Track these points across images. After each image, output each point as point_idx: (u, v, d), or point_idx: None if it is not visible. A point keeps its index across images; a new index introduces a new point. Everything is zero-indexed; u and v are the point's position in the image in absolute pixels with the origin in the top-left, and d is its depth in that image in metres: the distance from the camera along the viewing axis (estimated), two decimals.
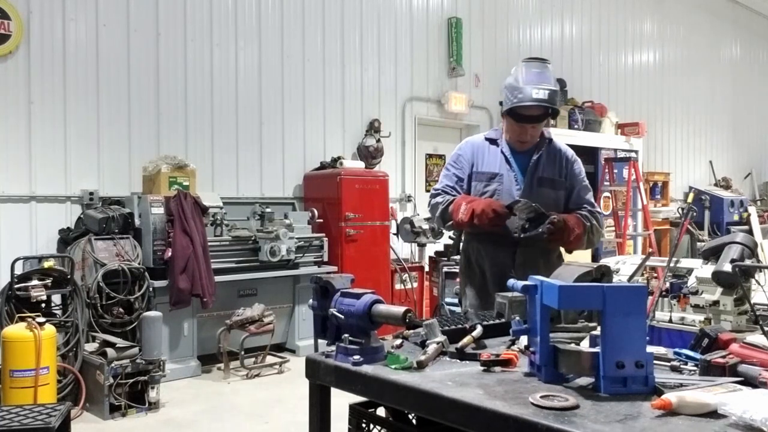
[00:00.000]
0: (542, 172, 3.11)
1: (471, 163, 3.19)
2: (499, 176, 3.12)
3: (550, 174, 3.12)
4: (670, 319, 3.89)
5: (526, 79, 2.91)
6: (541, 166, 3.11)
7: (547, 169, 3.12)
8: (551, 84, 2.92)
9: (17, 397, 4.14)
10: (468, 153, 3.23)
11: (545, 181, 3.10)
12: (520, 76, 2.94)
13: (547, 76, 2.93)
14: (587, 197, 3.18)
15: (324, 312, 2.13)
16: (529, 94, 2.88)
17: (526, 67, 2.95)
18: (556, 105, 2.97)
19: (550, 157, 3.14)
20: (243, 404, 5.05)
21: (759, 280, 2.98)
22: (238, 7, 6.92)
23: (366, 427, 2.19)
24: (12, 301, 4.58)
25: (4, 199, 5.50)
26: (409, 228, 7.44)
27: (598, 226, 3.12)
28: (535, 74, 2.92)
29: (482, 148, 3.21)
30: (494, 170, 3.13)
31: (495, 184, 3.12)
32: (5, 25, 5.46)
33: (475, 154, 3.20)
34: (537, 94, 2.87)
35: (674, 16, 13.10)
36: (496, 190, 3.11)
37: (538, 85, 2.88)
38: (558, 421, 1.48)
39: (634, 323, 1.67)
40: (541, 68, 2.95)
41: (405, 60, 8.48)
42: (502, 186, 3.11)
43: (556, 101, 2.94)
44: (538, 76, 2.91)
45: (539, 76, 2.91)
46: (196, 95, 6.62)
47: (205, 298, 5.52)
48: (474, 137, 3.36)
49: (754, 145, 15.31)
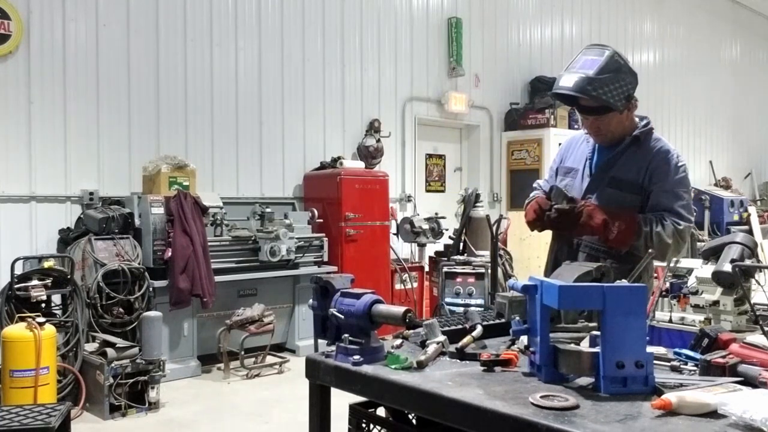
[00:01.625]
0: (617, 172, 2.81)
1: (563, 157, 3.05)
2: (574, 171, 2.93)
3: (625, 175, 2.79)
4: (670, 319, 3.89)
5: (570, 65, 2.69)
6: (619, 165, 2.81)
7: (623, 169, 2.80)
8: (592, 71, 2.60)
9: (17, 397, 4.14)
10: (564, 146, 3.11)
11: (615, 182, 2.80)
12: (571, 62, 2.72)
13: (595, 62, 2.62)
14: (668, 203, 2.74)
15: (324, 312, 2.13)
16: (557, 83, 2.69)
17: (580, 54, 2.72)
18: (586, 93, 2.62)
19: (634, 157, 2.81)
20: (243, 404, 5.04)
21: (759, 280, 2.98)
22: (238, 7, 6.92)
23: (366, 427, 2.19)
24: (12, 301, 4.58)
25: (4, 199, 5.50)
26: (409, 228, 7.44)
27: (663, 234, 2.67)
28: (581, 60, 2.67)
29: (578, 141, 3.02)
30: (573, 165, 2.96)
31: (568, 178, 2.95)
32: (5, 25, 5.46)
33: (569, 148, 3.05)
34: (565, 81, 2.64)
35: (674, 16, 13.10)
36: (567, 185, 2.92)
37: (573, 71, 2.64)
38: (558, 421, 1.48)
39: (634, 323, 1.67)
40: (593, 54, 2.67)
41: (405, 60, 8.48)
42: (573, 181, 2.92)
43: (587, 89, 2.60)
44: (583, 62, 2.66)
45: (583, 63, 2.65)
46: (196, 95, 6.62)
47: (205, 298, 5.52)
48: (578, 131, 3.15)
49: (754, 145, 15.31)
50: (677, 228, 2.70)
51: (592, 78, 2.60)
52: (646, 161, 2.79)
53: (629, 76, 2.70)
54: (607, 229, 2.67)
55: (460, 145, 9.69)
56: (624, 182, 2.79)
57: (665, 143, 2.88)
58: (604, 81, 2.61)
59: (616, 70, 2.64)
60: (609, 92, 2.63)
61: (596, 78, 2.60)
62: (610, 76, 2.62)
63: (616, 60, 2.65)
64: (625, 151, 2.83)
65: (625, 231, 2.67)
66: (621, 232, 2.67)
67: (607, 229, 2.67)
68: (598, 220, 2.68)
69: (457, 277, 5.58)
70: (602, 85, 2.61)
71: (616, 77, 2.64)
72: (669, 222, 2.69)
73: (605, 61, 2.62)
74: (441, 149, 9.38)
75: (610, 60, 2.63)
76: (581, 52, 2.74)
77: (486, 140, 9.62)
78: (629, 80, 2.69)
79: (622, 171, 2.81)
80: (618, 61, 2.66)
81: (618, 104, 2.67)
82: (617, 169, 2.82)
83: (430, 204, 8.65)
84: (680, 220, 2.72)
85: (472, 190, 6.63)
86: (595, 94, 2.62)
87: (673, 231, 2.68)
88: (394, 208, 7.90)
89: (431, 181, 9.23)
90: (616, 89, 2.64)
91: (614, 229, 2.66)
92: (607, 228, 2.67)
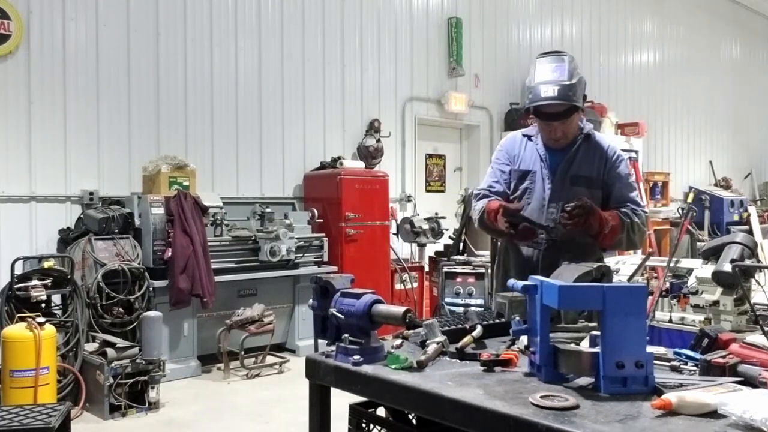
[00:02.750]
0: (577, 170, 2.93)
1: (512, 157, 3.08)
2: (532, 174, 2.98)
3: (586, 172, 2.92)
4: (670, 319, 3.90)
5: (538, 77, 2.78)
6: (576, 163, 2.93)
7: (582, 166, 2.93)
8: (565, 78, 2.73)
9: (17, 397, 4.14)
10: (508, 147, 3.12)
11: (579, 179, 2.92)
12: (533, 74, 2.81)
13: (562, 69, 2.75)
14: (631, 195, 2.94)
15: (324, 312, 2.13)
16: (539, 93, 2.76)
17: (539, 63, 2.82)
18: (569, 101, 2.75)
19: (587, 154, 2.95)
20: (243, 404, 5.04)
21: (759, 280, 2.99)
22: (238, 7, 6.92)
23: (366, 427, 2.19)
24: (12, 301, 4.58)
25: (4, 199, 5.50)
26: (409, 228, 7.44)
27: (640, 225, 2.88)
28: (547, 70, 2.77)
29: (520, 144, 3.08)
30: (528, 168, 3.00)
31: (527, 182, 2.98)
32: (5, 25, 5.46)
33: (515, 150, 3.08)
34: (546, 92, 2.74)
35: (674, 16, 13.10)
36: (527, 188, 2.97)
37: (549, 81, 2.74)
38: (558, 421, 1.48)
39: (634, 323, 1.67)
40: (555, 62, 2.78)
41: (405, 60, 8.48)
42: (533, 184, 2.96)
43: (569, 96, 2.74)
44: (551, 71, 2.76)
45: (552, 72, 2.76)
46: (196, 95, 6.62)
47: (205, 298, 5.52)
48: (513, 133, 3.22)
49: (754, 145, 15.31)
50: (641, 215, 2.91)
51: (570, 84, 2.74)
52: (600, 156, 2.95)
53: (583, 77, 2.84)
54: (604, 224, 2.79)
55: (460, 145, 9.69)
56: (587, 179, 2.93)
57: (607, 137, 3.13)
58: (576, 86, 2.77)
59: (577, 73, 2.80)
60: (578, 96, 2.79)
61: (572, 84, 2.75)
62: (578, 80, 2.78)
63: (574, 63, 2.81)
64: (579, 149, 2.95)
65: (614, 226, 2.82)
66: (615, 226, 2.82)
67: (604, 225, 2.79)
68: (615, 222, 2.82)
69: (457, 277, 5.59)
70: (576, 90, 2.77)
71: (579, 81, 2.80)
72: (640, 211, 2.91)
73: (569, 66, 2.77)
74: (441, 149, 9.38)
75: (571, 64, 2.78)
76: (541, 60, 2.84)
77: (486, 140, 9.61)
78: (584, 81, 2.84)
79: (582, 168, 2.93)
80: (575, 64, 2.81)
81: (581, 105, 2.84)
82: (577, 167, 2.93)
83: (430, 204, 8.65)
84: (643, 209, 2.95)
85: (472, 190, 6.63)
86: (574, 99, 2.77)
87: (644, 219, 2.91)
88: (394, 208, 7.90)
89: (431, 181, 9.23)
90: (580, 91, 2.81)
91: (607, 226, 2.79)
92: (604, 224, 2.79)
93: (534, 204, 2.95)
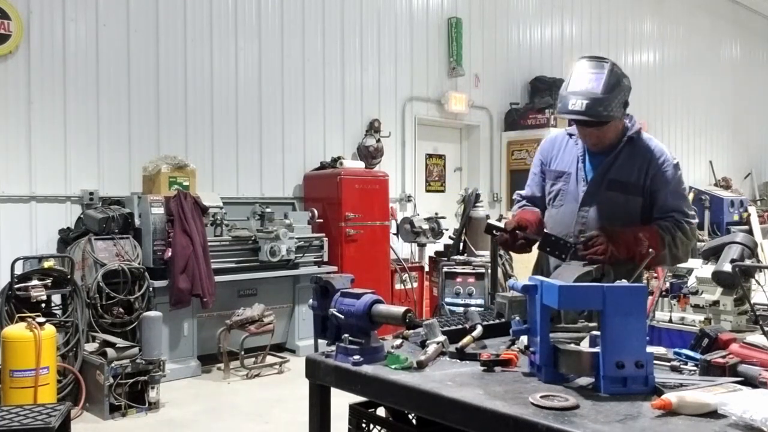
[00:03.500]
0: (615, 174, 2.77)
1: (548, 159, 2.96)
2: (567, 175, 2.86)
3: (625, 177, 2.75)
4: (670, 319, 3.89)
5: (572, 84, 2.64)
6: (616, 167, 2.77)
7: (622, 170, 2.76)
8: (599, 90, 2.56)
9: (17, 397, 4.14)
10: (545, 148, 3.02)
11: (615, 184, 2.76)
12: (569, 79, 2.68)
13: (599, 79, 2.58)
14: (676, 204, 2.74)
15: (324, 312, 2.14)
16: (566, 104, 2.62)
17: (578, 68, 2.67)
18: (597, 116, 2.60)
19: (630, 158, 2.77)
20: (243, 404, 5.04)
21: (759, 280, 2.98)
22: (238, 7, 6.92)
23: (366, 427, 2.19)
24: (12, 301, 4.58)
25: (4, 199, 5.50)
26: (409, 228, 7.44)
27: (683, 238, 2.69)
28: (584, 78, 2.62)
29: (560, 143, 2.95)
30: (564, 168, 2.88)
31: (561, 183, 2.88)
32: (5, 25, 5.45)
33: (553, 150, 2.97)
34: (574, 105, 2.59)
35: (674, 16, 13.10)
36: (560, 190, 2.87)
37: (579, 93, 2.59)
38: (558, 421, 1.48)
39: (634, 323, 1.67)
40: (593, 69, 2.63)
41: (405, 60, 8.48)
42: (567, 186, 2.85)
43: (598, 111, 2.58)
44: (587, 80, 2.61)
45: (588, 81, 2.60)
46: (196, 95, 6.62)
47: (205, 298, 5.52)
48: (556, 131, 3.10)
49: (754, 145, 15.31)
50: (691, 227, 2.73)
51: (602, 98, 2.57)
52: (644, 161, 2.76)
53: (627, 84, 2.67)
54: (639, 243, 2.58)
55: (460, 145, 9.69)
56: (625, 184, 2.76)
57: (656, 142, 2.86)
58: (612, 98, 2.58)
59: (618, 83, 2.61)
60: (615, 106, 2.61)
61: (605, 97, 2.57)
62: (616, 91, 2.60)
63: (616, 72, 2.63)
64: (621, 153, 2.78)
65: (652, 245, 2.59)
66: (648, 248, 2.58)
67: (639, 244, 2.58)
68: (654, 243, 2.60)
69: (457, 277, 5.59)
70: (611, 102, 2.59)
71: (620, 90, 2.61)
72: (684, 224, 2.71)
73: (608, 77, 2.59)
74: (441, 149, 9.38)
75: (611, 74, 2.60)
76: (580, 64, 2.68)
77: (486, 140, 9.62)
78: (628, 88, 2.67)
79: (621, 173, 2.76)
80: (617, 73, 2.63)
81: (618, 114, 2.66)
82: (615, 172, 2.77)
83: (430, 204, 8.65)
84: (691, 219, 2.75)
85: (472, 190, 6.64)
86: (605, 114, 2.60)
87: (690, 231, 2.71)
88: (394, 208, 7.90)
89: (431, 181, 9.23)
90: (619, 101, 2.63)
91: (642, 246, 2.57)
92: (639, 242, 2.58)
93: (566, 207, 2.85)
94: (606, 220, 2.69)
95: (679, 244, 2.69)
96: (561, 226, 2.84)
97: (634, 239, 2.59)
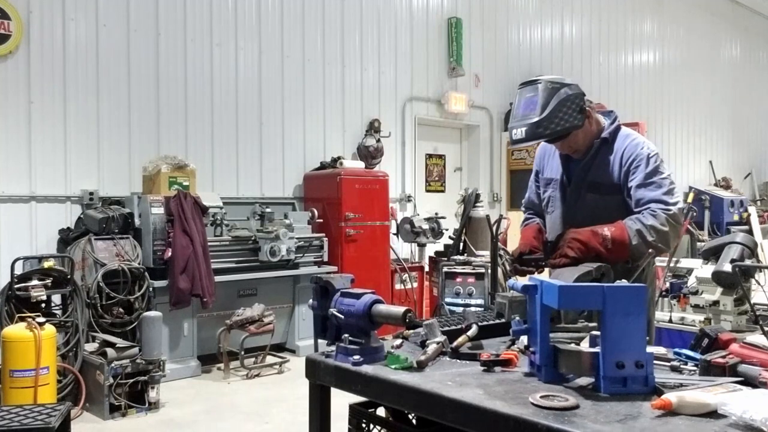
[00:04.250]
0: (594, 177, 2.79)
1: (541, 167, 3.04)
2: (555, 182, 2.92)
3: (602, 178, 2.78)
4: (670, 319, 3.90)
5: (514, 113, 2.72)
6: (594, 169, 2.80)
7: (599, 172, 2.78)
8: (535, 113, 2.60)
9: (17, 397, 4.14)
10: (538, 155, 3.08)
11: (594, 186, 2.80)
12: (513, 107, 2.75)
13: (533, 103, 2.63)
14: (652, 195, 2.67)
15: (324, 312, 2.13)
16: (511, 136, 2.72)
17: (516, 99, 2.74)
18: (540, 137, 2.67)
19: (605, 159, 2.79)
20: (243, 404, 5.05)
21: (759, 280, 2.98)
22: (238, 7, 6.92)
23: (366, 427, 2.19)
24: (12, 301, 4.58)
25: (4, 199, 5.50)
26: (409, 228, 7.44)
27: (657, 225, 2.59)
28: (520, 106, 2.70)
29: (550, 150, 2.99)
30: (552, 175, 2.95)
31: (550, 189, 2.94)
32: (5, 25, 5.46)
33: (544, 158, 3.03)
34: (515, 134, 2.68)
35: (674, 16, 13.10)
36: (550, 197, 2.94)
37: (517, 123, 2.67)
38: (558, 421, 1.48)
39: (634, 323, 1.67)
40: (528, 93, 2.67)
41: (405, 60, 8.48)
42: (555, 192, 2.91)
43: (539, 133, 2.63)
44: (523, 107, 2.68)
45: (524, 108, 2.67)
46: (196, 95, 6.62)
47: (205, 298, 5.52)
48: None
49: (754, 145, 15.31)
50: (668, 214, 2.62)
51: (539, 121, 2.59)
52: (618, 159, 2.76)
53: (571, 92, 2.64)
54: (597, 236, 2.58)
55: (460, 145, 9.70)
56: (602, 185, 2.78)
57: (635, 137, 2.83)
58: (551, 115, 2.59)
59: (556, 97, 2.61)
60: (561, 120, 2.61)
61: (543, 118, 2.59)
62: (555, 106, 2.60)
63: (551, 87, 2.62)
64: (597, 154, 2.80)
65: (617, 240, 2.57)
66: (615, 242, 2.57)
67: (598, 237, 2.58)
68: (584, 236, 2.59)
69: (457, 277, 5.56)
70: (551, 119, 2.60)
71: (560, 103, 2.61)
72: (659, 211, 2.62)
73: (542, 96, 2.60)
74: (441, 149, 9.38)
75: (545, 91, 2.61)
76: (518, 93, 2.73)
77: (486, 140, 9.62)
78: (573, 96, 2.64)
79: (598, 174, 2.79)
80: (554, 87, 2.62)
81: (576, 123, 2.65)
82: (593, 174, 2.80)
83: (430, 204, 8.65)
84: (668, 206, 2.64)
85: (472, 190, 6.63)
86: (549, 132, 2.62)
87: (666, 218, 2.61)
88: (394, 208, 7.91)
89: (431, 181, 9.24)
90: (566, 113, 2.62)
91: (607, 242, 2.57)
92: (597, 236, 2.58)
93: (556, 213, 2.92)
94: (589, 223, 2.69)
95: (653, 233, 2.59)
96: (554, 231, 2.90)
97: (592, 234, 2.59)
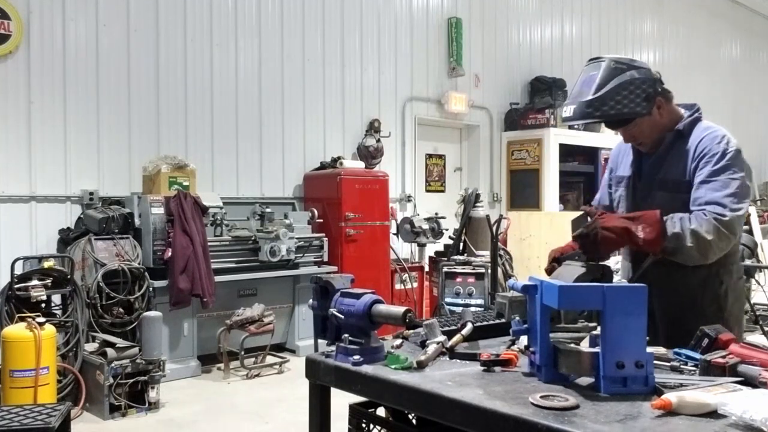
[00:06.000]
0: (665, 173, 2.56)
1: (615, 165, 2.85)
2: (626, 179, 2.73)
3: (675, 174, 2.53)
4: None
5: (572, 91, 2.56)
6: (666, 165, 2.57)
7: (671, 168, 2.55)
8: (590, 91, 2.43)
9: (17, 397, 4.14)
10: (612, 154, 2.93)
11: (665, 183, 2.56)
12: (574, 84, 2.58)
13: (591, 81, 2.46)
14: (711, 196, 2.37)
15: (324, 312, 2.13)
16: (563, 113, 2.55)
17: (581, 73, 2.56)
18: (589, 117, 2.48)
19: (677, 154, 2.55)
20: (243, 404, 5.04)
21: (759, 280, 2.99)
22: (238, 7, 6.92)
23: (366, 427, 2.19)
24: (12, 301, 4.58)
25: (4, 199, 5.50)
26: (409, 228, 7.44)
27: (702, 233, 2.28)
28: (577, 84, 2.53)
29: (625, 148, 2.80)
30: (624, 173, 2.76)
31: (622, 188, 2.75)
32: (5, 25, 5.46)
33: (618, 156, 2.85)
34: (566, 112, 2.51)
35: (674, 16, 13.10)
36: (621, 195, 2.75)
37: (570, 100, 2.53)
38: (558, 421, 1.48)
39: (634, 323, 1.67)
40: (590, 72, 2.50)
41: (405, 60, 8.48)
42: (626, 191, 2.72)
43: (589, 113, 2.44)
44: (579, 85, 2.51)
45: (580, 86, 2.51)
46: (196, 95, 6.62)
47: (205, 298, 5.52)
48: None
49: (754, 145, 15.31)
50: (720, 220, 2.30)
51: (591, 100, 2.42)
52: (692, 153, 2.51)
53: (639, 76, 2.46)
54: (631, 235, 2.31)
55: (460, 145, 9.70)
56: (671, 182, 2.54)
57: (714, 129, 2.56)
58: (607, 96, 2.42)
59: (618, 78, 2.43)
60: (619, 103, 2.44)
61: (596, 98, 2.42)
62: (612, 87, 2.42)
63: (615, 68, 2.45)
64: (670, 149, 2.58)
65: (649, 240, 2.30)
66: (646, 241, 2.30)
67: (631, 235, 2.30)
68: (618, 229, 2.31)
69: (457, 277, 5.58)
70: (606, 100, 2.42)
71: (621, 86, 2.43)
72: (709, 216, 2.31)
73: (602, 74, 2.44)
74: (441, 149, 9.38)
75: (606, 70, 2.44)
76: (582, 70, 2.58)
77: (486, 140, 9.62)
78: (640, 81, 2.45)
79: (669, 171, 2.56)
80: (618, 68, 2.46)
81: (638, 110, 2.45)
82: (665, 170, 2.57)
83: (430, 204, 8.66)
84: (724, 211, 2.32)
85: (472, 190, 6.63)
86: (599, 114, 2.44)
87: (715, 226, 2.29)
88: (394, 208, 7.90)
89: (431, 181, 9.23)
90: (626, 97, 2.43)
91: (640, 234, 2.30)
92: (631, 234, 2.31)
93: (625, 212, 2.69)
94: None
95: (692, 239, 2.28)
96: None
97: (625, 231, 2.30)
